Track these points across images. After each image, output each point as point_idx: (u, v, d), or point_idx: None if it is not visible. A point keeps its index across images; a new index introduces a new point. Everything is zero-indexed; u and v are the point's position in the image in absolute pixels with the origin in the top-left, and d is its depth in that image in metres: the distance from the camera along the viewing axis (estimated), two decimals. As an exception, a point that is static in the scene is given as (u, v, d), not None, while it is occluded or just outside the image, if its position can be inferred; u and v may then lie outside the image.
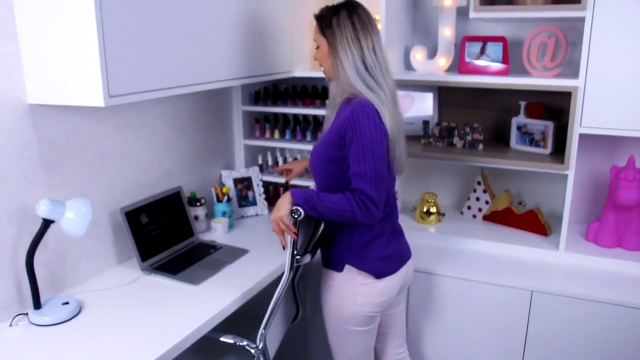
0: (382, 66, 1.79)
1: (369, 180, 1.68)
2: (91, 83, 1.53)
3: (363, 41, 1.76)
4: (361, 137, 1.68)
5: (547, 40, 2.26)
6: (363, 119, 1.69)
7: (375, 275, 1.81)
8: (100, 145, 1.99)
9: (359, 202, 1.68)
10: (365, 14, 1.80)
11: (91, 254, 1.99)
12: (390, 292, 1.86)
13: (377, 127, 1.70)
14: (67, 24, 1.52)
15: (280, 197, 1.80)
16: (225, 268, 2.07)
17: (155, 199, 2.17)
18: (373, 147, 1.69)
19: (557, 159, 2.29)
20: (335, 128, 1.76)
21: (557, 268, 2.23)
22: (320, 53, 1.84)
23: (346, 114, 1.72)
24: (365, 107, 1.70)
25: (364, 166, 1.69)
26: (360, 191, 1.69)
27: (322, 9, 1.85)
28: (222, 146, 2.69)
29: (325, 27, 1.79)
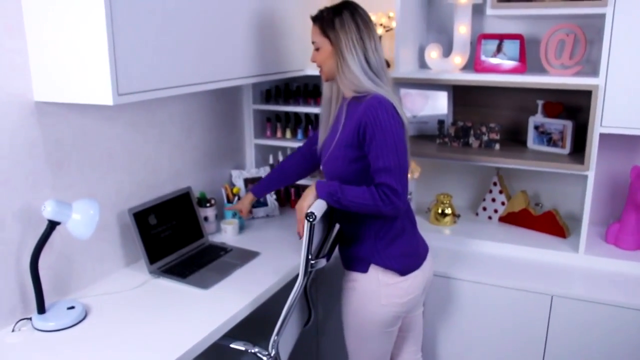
0: (383, 65, 1.80)
1: (394, 173, 1.68)
2: (100, 81, 1.49)
3: (367, 41, 1.77)
4: (383, 132, 1.67)
5: (565, 37, 2.19)
6: (382, 114, 1.68)
7: (400, 273, 1.79)
8: (108, 144, 1.94)
9: (383, 195, 1.68)
10: (365, 14, 1.81)
11: (98, 257, 1.94)
12: (415, 290, 1.83)
13: (396, 120, 1.70)
14: (76, 19, 1.48)
15: (309, 187, 1.80)
16: (236, 272, 2.02)
17: (164, 200, 2.12)
18: (395, 141, 1.68)
19: (576, 159, 2.22)
20: (351, 128, 1.74)
21: (577, 271, 2.17)
22: (322, 55, 1.82)
23: (362, 111, 1.71)
24: (382, 102, 1.70)
25: (388, 160, 1.68)
26: (384, 185, 1.68)
27: (320, 11, 1.83)
28: (233, 145, 2.64)
29: (328, 28, 1.78)
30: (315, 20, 1.84)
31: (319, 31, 1.81)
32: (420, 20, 2.53)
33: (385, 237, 1.80)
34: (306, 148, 2.16)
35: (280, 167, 2.23)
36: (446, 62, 2.44)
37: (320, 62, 1.84)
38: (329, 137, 1.87)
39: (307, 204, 1.75)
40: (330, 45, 1.78)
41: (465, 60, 2.43)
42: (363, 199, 1.70)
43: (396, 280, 1.80)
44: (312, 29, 1.84)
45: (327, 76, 1.85)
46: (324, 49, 1.80)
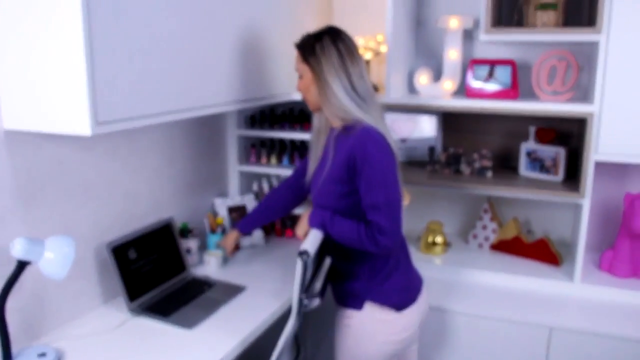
0: (370, 92, 1.72)
1: (382, 211, 1.60)
2: (77, 108, 1.37)
3: (350, 67, 1.68)
4: (372, 167, 1.59)
5: (557, 63, 2.16)
6: (372, 147, 1.60)
7: (397, 308, 1.71)
8: (85, 174, 1.82)
9: (369, 234, 1.61)
10: (349, 40, 1.74)
11: (73, 295, 1.81)
12: (412, 325, 1.76)
13: (387, 153, 1.62)
14: (51, 41, 1.37)
15: (302, 214, 1.76)
16: (221, 308, 1.90)
17: (144, 232, 2.00)
18: (385, 176, 1.60)
19: (570, 186, 2.18)
20: (340, 162, 1.66)
21: (573, 301, 2.11)
22: (304, 82, 1.75)
23: (351, 145, 1.63)
24: (371, 133, 1.62)
25: (376, 197, 1.60)
26: (373, 223, 1.61)
27: (303, 37, 1.77)
28: (215, 172, 2.54)
29: (308, 54, 1.71)
30: (297, 48, 1.77)
31: (300, 57, 1.75)
32: (409, 45, 2.49)
33: (381, 272, 1.72)
34: (293, 179, 2.08)
35: (266, 201, 2.14)
36: (436, 88, 2.39)
37: (303, 91, 1.77)
38: (318, 171, 1.79)
39: (302, 232, 1.73)
40: (311, 72, 1.70)
41: (456, 86, 2.38)
42: (350, 234, 1.64)
43: (393, 316, 1.72)
44: (296, 56, 1.78)
45: (312, 105, 1.77)
46: (306, 76, 1.73)
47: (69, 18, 1.32)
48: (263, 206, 2.13)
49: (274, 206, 2.11)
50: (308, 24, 2.49)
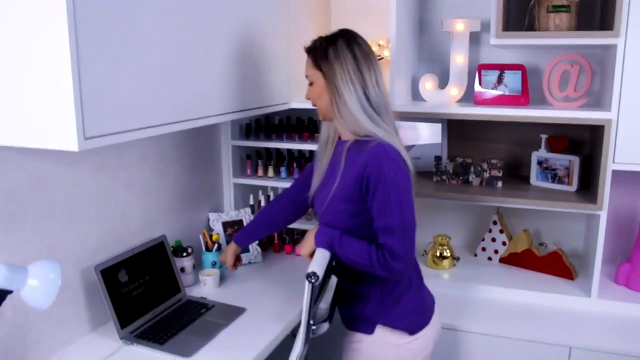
0: (386, 101, 1.59)
1: (396, 234, 1.48)
2: (63, 122, 1.24)
3: (366, 74, 1.55)
4: (387, 187, 1.47)
5: (569, 68, 2.06)
6: (388, 165, 1.47)
7: (410, 332, 1.59)
8: (71, 191, 1.68)
9: (381, 258, 1.49)
10: (365, 44, 1.61)
11: (59, 322, 1.66)
12: (425, 349, 1.65)
13: (403, 172, 1.50)
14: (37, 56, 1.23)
15: (308, 231, 1.63)
16: (221, 333, 1.76)
17: (135, 252, 1.86)
18: (400, 197, 1.47)
19: (585, 196, 2.08)
20: (351, 179, 1.53)
21: (591, 318, 2.00)
22: (315, 90, 1.61)
23: (364, 162, 1.50)
24: (388, 151, 1.49)
25: (391, 219, 1.48)
26: (386, 246, 1.48)
27: (314, 41, 1.63)
28: (210, 186, 2.40)
29: (321, 59, 1.57)
30: (308, 52, 1.64)
31: (311, 63, 1.61)
32: (413, 50, 2.37)
33: (392, 294, 1.60)
34: (294, 191, 1.94)
35: (265, 213, 2.01)
36: (442, 94, 2.29)
37: (314, 99, 1.64)
38: (324, 185, 1.66)
39: (307, 252, 1.61)
40: (323, 78, 1.57)
41: (463, 92, 2.27)
42: (360, 257, 1.51)
43: (405, 340, 1.60)
44: (306, 61, 1.64)
45: (323, 115, 1.64)
46: (317, 84, 1.60)
47: (55, 30, 1.19)
48: (262, 218, 2.00)
49: (273, 219, 1.98)
50: (306, 29, 2.37)
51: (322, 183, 1.68)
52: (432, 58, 2.44)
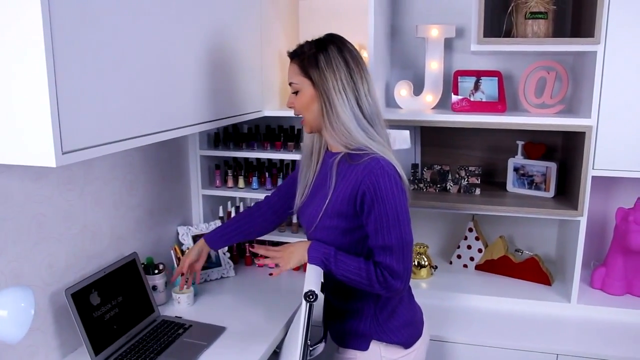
0: (378, 111, 1.53)
1: (395, 252, 1.42)
2: (39, 137, 1.12)
3: (358, 82, 1.48)
4: (384, 204, 1.40)
5: (546, 75, 2.08)
6: (385, 182, 1.40)
7: (405, 346, 1.55)
8: (38, 209, 1.54)
9: (380, 277, 1.43)
10: (354, 49, 1.53)
11: (26, 353, 1.52)
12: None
13: (400, 188, 1.43)
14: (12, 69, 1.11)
15: (293, 244, 1.54)
16: (202, 355, 1.66)
17: (107, 272, 1.73)
18: (398, 215, 1.41)
19: (562, 202, 2.10)
20: (344, 194, 1.45)
21: (574, 324, 2.01)
22: (302, 99, 1.51)
23: (359, 178, 1.42)
24: (385, 166, 1.42)
25: (389, 238, 1.41)
26: (384, 265, 1.42)
27: (301, 45, 1.53)
28: (178, 198, 2.29)
29: (310, 66, 1.47)
30: (293, 57, 1.54)
31: (298, 70, 1.51)
32: (386, 55, 2.34)
33: (386, 308, 1.55)
34: (276, 199, 1.86)
35: (243, 217, 1.88)
36: (417, 101, 2.26)
37: (300, 109, 1.53)
38: (312, 200, 1.58)
39: (292, 266, 1.53)
40: (313, 87, 1.48)
41: (438, 99, 2.26)
42: (358, 276, 1.44)
43: (400, 354, 1.56)
44: (290, 67, 1.54)
45: (310, 126, 1.54)
46: (305, 93, 1.50)
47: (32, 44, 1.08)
48: (239, 222, 1.87)
49: (251, 225, 1.87)
50: (277, 34, 2.30)
51: (309, 197, 1.60)
52: (404, 64, 2.41)
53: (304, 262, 1.52)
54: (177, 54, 1.58)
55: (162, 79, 1.51)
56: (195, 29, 1.67)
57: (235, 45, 1.94)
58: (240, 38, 1.97)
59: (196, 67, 1.69)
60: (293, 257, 1.54)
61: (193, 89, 1.68)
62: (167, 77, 1.53)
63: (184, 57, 1.62)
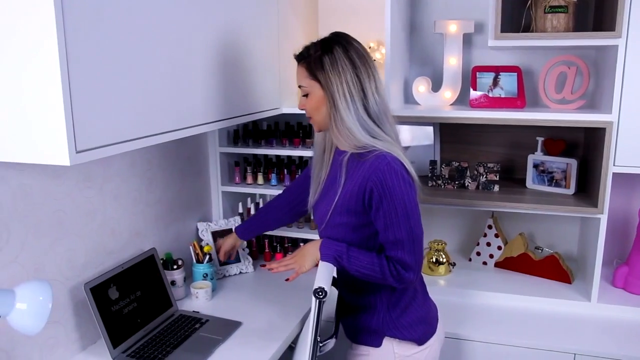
0: (386, 108, 1.51)
1: (406, 246, 1.43)
2: (53, 136, 1.15)
3: (365, 82, 1.47)
4: (392, 200, 1.40)
5: (566, 70, 2.04)
6: (392, 178, 1.40)
7: (419, 342, 1.55)
8: (57, 206, 1.58)
9: (394, 271, 1.44)
10: (360, 46, 1.52)
11: (47, 344, 1.57)
12: (434, 359, 1.62)
13: (407, 183, 1.42)
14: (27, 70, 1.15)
15: (304, 247, 1.57)
16: (218, 349, 1.69)
17: (125, 267, 1.77)
18: (407, 209, 1.41)
19: (583, 199, 2.06)
20: (352, 191, 1.46)
21: (593, 323, 1.97)
22: (312, 102, 1.51)
23: (366, 174, 1.43)
24: (391, 162, 1.42)
25: (399, 232, 1.42)
26: (396, 259, 1.43)
27: (307, 47, 1.53)
28: (198, 195, 2.32)
29: (316, 69, 1.48)
30: (300, 60, 1.53)
31: (306, 73, 1.51)
32: (404, 52, 2.33)
33: (399, 304, 1.55)
34: (295, 188, 1.92)
35: (264, 209, 2.02)
36: (436, 97, 2.24)
37: (311, 111, 1.53)
38: (324, 197, 1.59)
39: (309, 267, 1.55)
40: (321, 89, 1.48)
41: (457, 95, 2.23)
42: (372, 270, 1.46)
43: (414, 351, 1.56)
44: (298, 70, 1.54)
45: (319, 126, 1.56)
46: (315, 95, 1.50)
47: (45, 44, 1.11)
48: (259, 214, 2.00)
49: (275, 215, 1.97)
50: (295, 31, 2.31)
51: (321, 195, 1.62)
52: (423, 60, 2.40)
53: (317, 260, 1.53)
54: (191, 52, 1.60)
55: (175, 78, 1.53)
56: (210, 27, 1.69)
57: (251, 43, 1.95)
58: (257, 36, 1.99)
59: (211, 65, 1.71)
60: (307, 259, 1.56)
61: (208, 87, 1.70)
62: (181, 76, 1.55)
63: (198, 55, 1.64)
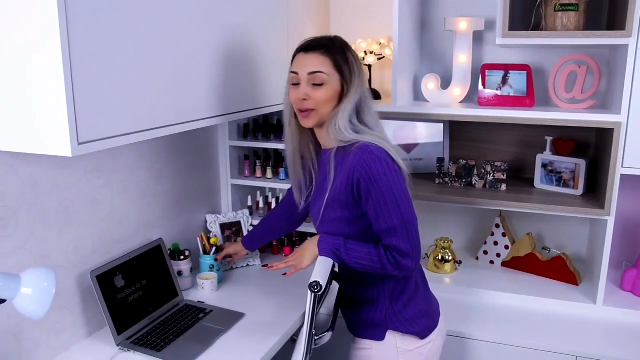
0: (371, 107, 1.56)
1: (399, 233, 1.44)
2: (55, 128, 1.19)
3: (365, 84, 1.54)
4: (379, 188, 1.42)
5: (577, 69, 2.02)
6: (376, 166, 1.41)
7: (421, 336, 1.56)
8: (65, 195, 1.63)
9: (392, 259, 1.46)
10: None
11: (54, 329, 1.62)
12: (436, 353, 1.63)
13: (393, 170, 1.44)
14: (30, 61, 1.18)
15: (304, 244, 1.59)
16: (219, 340, 1.72)
17: (132, 257, 1.82)
18: (395, 196, 1.42)
19: (591, 201, 2.04)
20: (341, 185, 1.48)
21: (597, 325, 1.96)
22: (328, 92, 1.48)
23: (352, 166, 1.44)
24: (374, 151, 1.43)
25: (390, 220, 1.43)
26: (392, 247, 1.45)
27: (327, 38, 1.52)
28: (207, 188, 2.35)
29: (342, 61, 1.48)
30: (320, 48, 1.48)
31: (330, 62, 1.47)
32: (415, 49, 2.33)
33: (402, 297, 1.57)
34: (287, 205, 1.96)
35: (266, 219, 2.04)
36: (445, 95, 2.24)
37: (321, 103, 1.48)
38: (318, 196, 1.61)
39: (308, 263, 1.56)
40: (339, 83, 1.49)
41: (466, 92, 2.23)
42: (370, 261, 1.47)
43: (416, 345, 1.57)
44: (314, 57, 1.47)
45: (318, 122, 1.52)
46: (332, 86, 1.48)
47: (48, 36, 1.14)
48: (266, 222, 2.02)
49: (277, 223, 1.99)
50: (305, 27, 2.32)
51: (315, 194, 1.64)
52: (434, 58, 2.39)
53: (316, 256, 1.55)
54: (198, 46, 1.62)
55: (181, 72, 1.55)
56: (218, 21, 1.71)
57: (260, 38, 1.97)
58: (266, 31, 2.00)
59: (218, 60, 1.72)
60: (306, 255, 1.58)
61: (214, 81, 1.72)
62: (186, 70, 1.57)
63: (205, 49, 1.66)
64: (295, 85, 1.51)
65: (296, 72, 1.50)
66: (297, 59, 1.52)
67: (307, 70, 1.48)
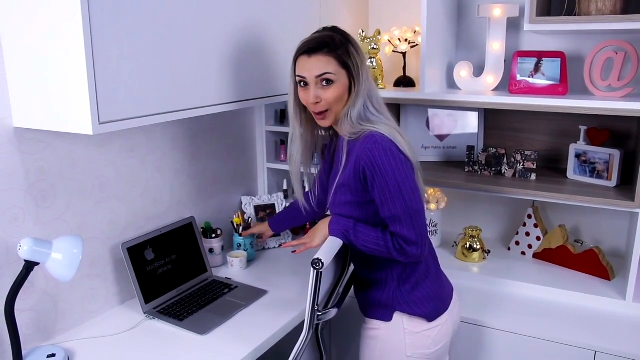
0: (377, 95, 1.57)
1: (403, 221, 1.47)
2: (79, 108, 1.31)
3: (370, 71, 1.60)
4: (383, 177, 1.45)
5: (614, 55, 1.95)
6: (380, 155, 1.44)
7: (428, 319, 1.58)
8: (101, 172, 1.77)
9: (397, 246, 1.49)
10: None
11: (89, 295, 1.77)
12: (444, 337, 1.64)
13: (397, 159, 1.46)
14: (55, 44, 1.30)
15: (317, 224, 1.65)
16: (239, 314, 1.82)
17: (163, 232, 1.94)
18: (399, 184, 1.45)
19: (624, 193, 1.97)
20: (350, 171, 1.52)
21: (623, 322, 1.90)
22: (339, 90, 1.50)
23: (359, 154, 1.48)
24: (379, 140, 1.46)
25: (394, 208, 1.47)
26: (397, 234, 1.49)
27: (326, 36, 1.51)
28: (243, 170, 2.46)
29: (345, 57, 1.49)
30: (322, 49, 1.48)
31: (334, 61, 1.48)
32: (450, 36, 2.31)
33: (410, 279, 1.60)
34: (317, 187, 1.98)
35: (293, 204, 2.07)
36: (477, 82, 2.22)
37: (334, 101, 1.50)
38: (334, 179, 1.64)
39: (319, 242, 1.61)
40: (347, 78, 1.51)
41: (499, 80, 2.20)
42: (377, 245, 1.51)
43: (424, 327, 1.59)
44: (318, 59, 1.48)
45: (334, 119, 1.55)
46: (341, 84, 1.50)
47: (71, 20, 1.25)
48: (293, 207, 2.06)
49: (297, 214, 2.03)
50: (341, 14, 2.36)
51: (332, 178, 1.68)
52: (469, 45, 2.37)
53: (327, 235, 1.60)
54: (223, 32, 1.70)
55: (204, 57, 1.64)
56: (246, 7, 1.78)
57: (295, 23, 2.01)
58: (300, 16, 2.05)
59: (242, 47, 1.80)
60: (317, 235, 1.64)
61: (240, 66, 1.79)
62: (205, 56, 1.65)
63: (231, 36, 1.73)
64: (303, 86, 1.54)
65: (303, 76, 1.51)
66: (300, 63, 1.52)
67: (313, 73, 1.49)
